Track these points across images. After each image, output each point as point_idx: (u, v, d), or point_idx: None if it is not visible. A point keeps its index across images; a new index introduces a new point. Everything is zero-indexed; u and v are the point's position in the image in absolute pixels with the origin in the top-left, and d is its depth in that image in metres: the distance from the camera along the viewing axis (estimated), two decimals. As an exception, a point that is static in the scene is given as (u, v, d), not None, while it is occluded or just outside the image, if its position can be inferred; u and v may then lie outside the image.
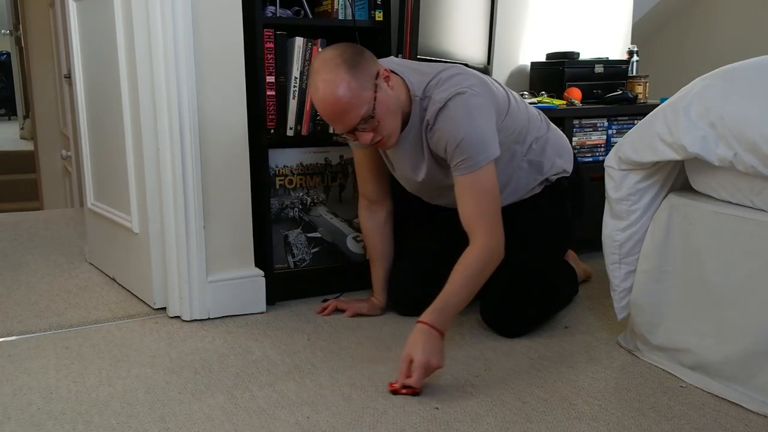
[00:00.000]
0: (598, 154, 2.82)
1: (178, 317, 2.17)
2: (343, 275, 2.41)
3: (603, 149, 2.83)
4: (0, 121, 9.84)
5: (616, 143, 1.86)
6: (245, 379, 1.74)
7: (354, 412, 1.58)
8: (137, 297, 2.35)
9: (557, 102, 2.78)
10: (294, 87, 2.24)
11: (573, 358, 1.89)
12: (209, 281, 2.16)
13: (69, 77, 3.11)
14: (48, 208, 4.75)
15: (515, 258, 1.90)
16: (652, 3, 4.06)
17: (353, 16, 2.29)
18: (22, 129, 8.01)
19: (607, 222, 1.88)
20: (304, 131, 2.28)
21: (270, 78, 2.20)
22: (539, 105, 2.62)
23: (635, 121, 2.80)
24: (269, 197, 2.28)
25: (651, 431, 1.50)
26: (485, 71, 2.66)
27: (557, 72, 2.92)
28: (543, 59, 3.05)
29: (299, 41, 2.22)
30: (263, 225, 2.26)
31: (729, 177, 1.63)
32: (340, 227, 2.42)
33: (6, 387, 1.70)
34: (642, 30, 3.99)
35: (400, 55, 2.35)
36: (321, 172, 2.37)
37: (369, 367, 1.81)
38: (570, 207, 2.16)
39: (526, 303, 2.01)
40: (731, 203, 1.65)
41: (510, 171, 2.01)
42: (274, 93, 2.21)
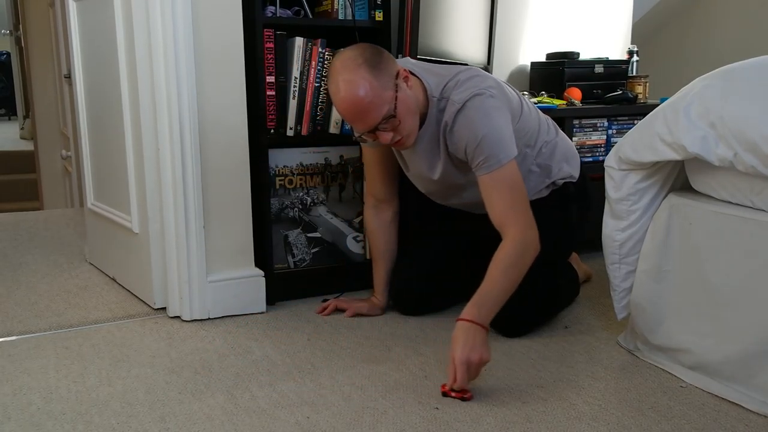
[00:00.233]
0: (598, 154, 2.82)
1: (178, 317, 2.18)
2: (343, 275, 2.41)
3: (603, 149, 2.83)
4: (0, 121, 9.84)
5: (616, 143, 1.86)
6: (245, 379, 1.74)
7: (354, 412, 1.58)
8: (137, 297, 2.35)
9: (557, 102, 2.78)
10: (294, 87, 2.24)
11: (573, 358, 1.89)
12: (209, 281, 2.16)
13: (69, 77, 3.11)
14: (48, 208, 4.75)
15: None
16: (652, 3, 4.06)
17: (353, 16, 2.29)
18: (22, 129, 8.00)
19: (607, 222, 1.88)
20: (304, 131, 2.29)
21: (270, 78, 2.20)
22: (539, 105, 2.62)
23: (635, 121, 2.80)
24: (269, 197, 2.28)
25: (651, 431, 1.49)
26: (485, 71, 2.66)
27: (557, 72, 2.92)
28: (543, 59, 3.05)
29: (299, 41, 2.22)
30: (263, 225, 2.26)
31: (729, 177, 1.63)
32: (340, 227, 2.42)
33: (6, 387, 1.70)
34: (642, 30, 3.99)
35: (400, 55, 2.35)
36: (321, 172, 2.37)
37: (369, 367, 1.81)
38: (575, 210, 2.17)
39: (527, 303, 2.01)
40: (731, 203, 1.65)
41: (521, 173, 2.01)
42: (274, 93, 2.21)
